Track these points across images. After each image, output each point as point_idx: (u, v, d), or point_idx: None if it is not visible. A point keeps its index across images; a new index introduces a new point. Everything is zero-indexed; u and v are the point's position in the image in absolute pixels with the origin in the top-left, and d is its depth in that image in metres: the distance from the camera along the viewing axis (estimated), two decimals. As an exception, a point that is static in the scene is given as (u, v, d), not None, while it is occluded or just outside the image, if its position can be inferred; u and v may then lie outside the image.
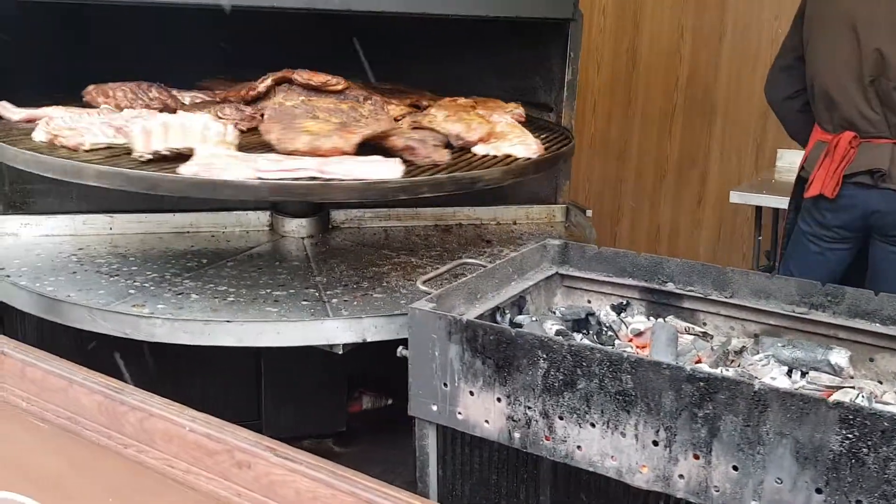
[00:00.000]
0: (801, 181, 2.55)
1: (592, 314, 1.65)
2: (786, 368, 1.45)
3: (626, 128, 3.29)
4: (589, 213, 2.61)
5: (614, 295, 1.70)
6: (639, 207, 3.43)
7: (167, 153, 1.72)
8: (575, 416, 1.21)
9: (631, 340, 1.59)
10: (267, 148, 1.77)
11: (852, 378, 1.43)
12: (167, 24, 2.27)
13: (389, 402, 2.68)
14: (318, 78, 2.17)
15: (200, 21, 2.14)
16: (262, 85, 2.28)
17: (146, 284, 1.88)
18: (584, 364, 1.18)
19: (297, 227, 2.30)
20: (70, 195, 2.21)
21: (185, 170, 1.60)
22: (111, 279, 1.91)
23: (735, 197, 2.80)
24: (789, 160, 3.16)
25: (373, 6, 2.20)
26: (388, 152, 1.79)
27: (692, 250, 3.31)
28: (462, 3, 2.26)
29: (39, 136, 1.85)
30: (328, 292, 1.90)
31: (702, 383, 1.09)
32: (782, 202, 2.75)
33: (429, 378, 1.35)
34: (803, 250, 2.58)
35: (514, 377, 1.26)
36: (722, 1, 3.23)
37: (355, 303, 1.84)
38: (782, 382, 1.39)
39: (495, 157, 1.91)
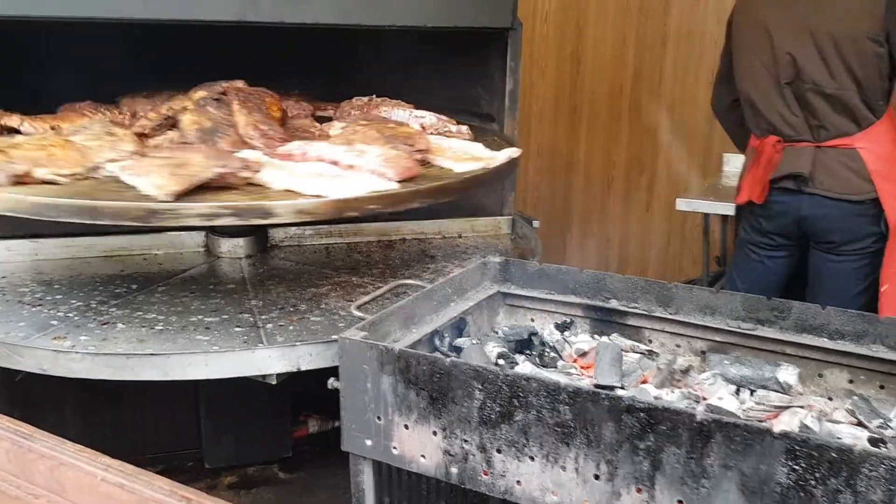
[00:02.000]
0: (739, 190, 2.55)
1: (535, 334, 1.60)
2: (733, 387, 1.42)
3: (572, 135, 3.26)
4: (536, 223, 2.56)
5: (558, 313, 1.66)
6: (587, 216, 3.41)
7: None
8: (513, 449, 1.15)
9: (575, 361, 1.54)
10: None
11: (801, 395, 1.40)
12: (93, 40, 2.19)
13: (336, 424, 2.60)
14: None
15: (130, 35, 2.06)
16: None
17: (70, 314, 1.78)
18: (520, 395, 1.13)
19: (233, 248, 2.21)
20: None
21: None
22: (33, 309, 1.81)
23: (682, 204, 2.79)
24: (735, 164, 3.16)
25: (307, 18, 2.13)
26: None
27: (643, 258, 3.30)
28: (399, 14, 2.20)
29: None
30: (263, 317, 1.82)
31: (642, 414, 1.04)
32: (728, 208, 2.75)
33: (362, 411, 1.28)
34: (744, 258, 2.58)
35: (449, 409, 1.20)
36: (665, 7, 3.22)
37: (291, 328, 1.76)
38: (730, 402, 1.35)
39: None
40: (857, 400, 1.33)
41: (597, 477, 1.09)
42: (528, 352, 1.55)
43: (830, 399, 1.37)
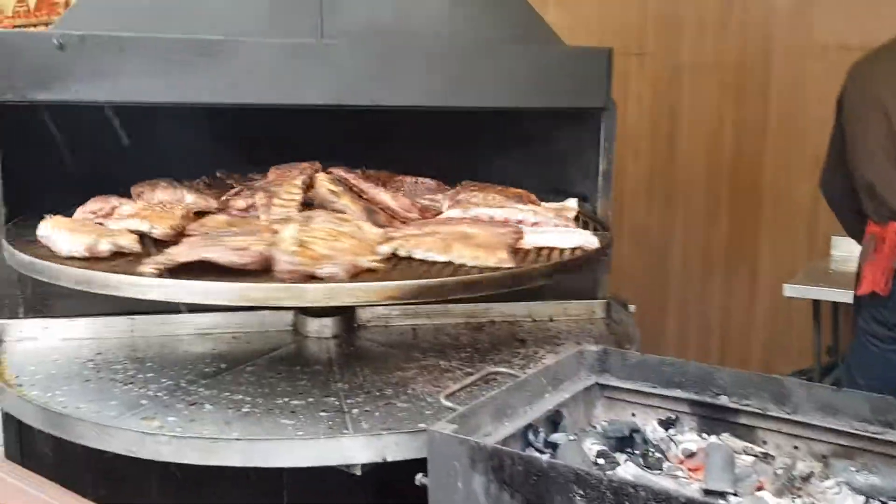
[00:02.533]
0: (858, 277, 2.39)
1: (637, 431, 1.49)
2: (862, 498, 1.27)
3: (668, 218, 3.16)
4: (632, 308, 2.45)
5: (661, 408, 1.54)
6: (685, 301, 3.27)
7: None
8: (617, 564, 1.04)
9: (682, 463, 1.42)
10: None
11: (942, 511, 1.24)
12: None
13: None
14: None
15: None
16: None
17: (160, 394, 1.78)
18: (626, 503, 1.03)
19: (320, 328, 2.19)
20: (90, 297, 2.15)
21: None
22: (125, 388, 1.82)
23: (790, 290, 2.64)
24: (846, 249, 2.98)
25: (404, 101, 2.16)
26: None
27: (745, 347, 3.12)
28: (493, 96, 2.21)
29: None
30: (349, 401, 1.77)
31: (766, 533, 0.92)
32: (841, 294, 2.57)
33: (451, 511, 1.20)
34: (864, 351, 2.40)
35: (546, 515, 1.10)
36: (763, 90, 3.14)
37: (377, 414, 1.70)
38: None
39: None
40: None
41: None
42: (629, 450, 1.44)
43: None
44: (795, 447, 1.41)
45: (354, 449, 1.52)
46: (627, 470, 1.33)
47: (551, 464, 1.10)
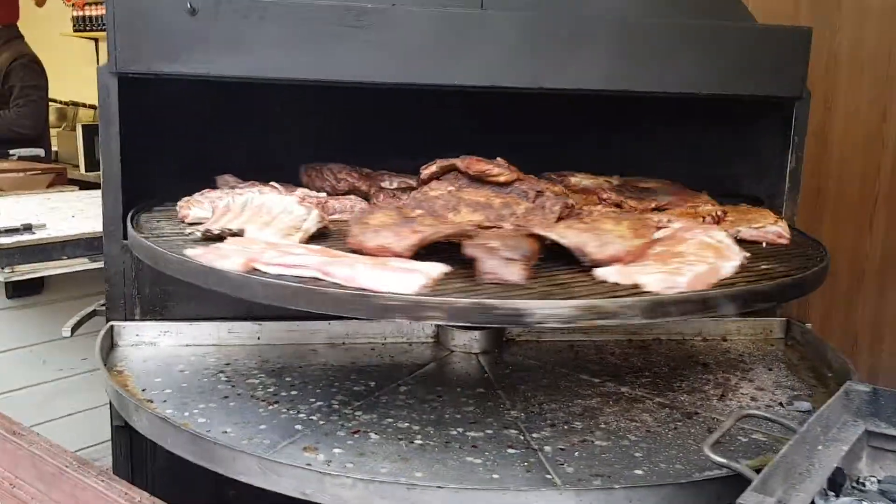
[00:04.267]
0: None
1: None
2: None
3: (813, 220, 2.85)
4: (808, 325, 2.15)
5: (950, 465, 1.25)
6: (828, 312, 2.96)
7: (219, 232, 1.53)
8: None
9: None
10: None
11: None
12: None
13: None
14: (477, 166, 1.83)
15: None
16: (426, 172, 1.95)
17: (313, 417, 1.53)
18: None
19: (468, 341, 1.93)
20: (213, 299, 1.91)
21: (191, 252, 1.41)
22: (270, 408, 1.57)
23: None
24: None
25: (569, 83, 1.88)
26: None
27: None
28: (672, 80, 1.91)
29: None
30: (534, 435, 1.50)
31: None
32: None
33: None
34: None
35: None
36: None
37: (576, 454, 1.43)
38: None
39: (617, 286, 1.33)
40: None
41: None
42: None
43: None
44: None
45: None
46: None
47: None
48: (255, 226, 1.55)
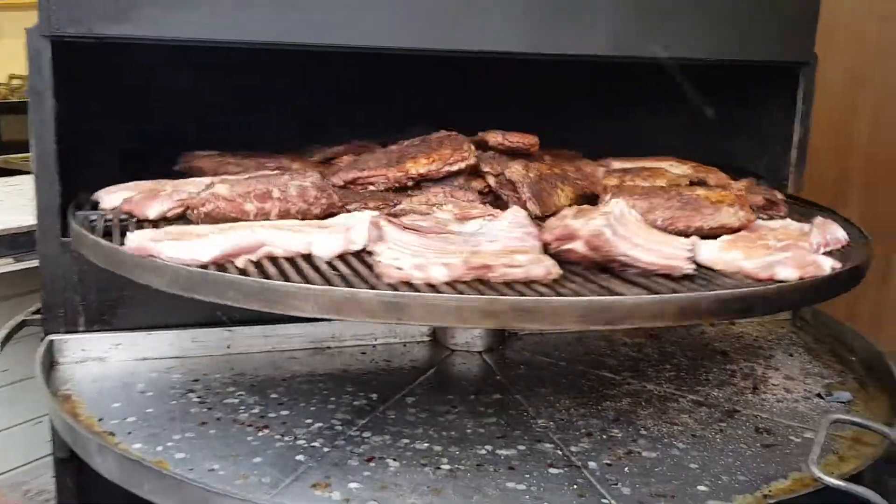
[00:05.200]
0: None
1: None
2: None
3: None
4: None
5: None
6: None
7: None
8: None
9: None
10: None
11: None
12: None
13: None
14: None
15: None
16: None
17: (314, 443, 1.29)
18: None
19: (471, 339, 1.72)
20: (169, 302, 1.63)
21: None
22: (260, 434, 1.32)
23: None
24: None
25: (568, 49, 1.68)
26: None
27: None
28: (679, 44, 1.74)
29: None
30: (572, 448, 1.32)
31: None
32: None
33: None
34: None
35: None
36: None
37: (625, 469, 1.25)
38: None
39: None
40: None
41: None
42: None
43: None
44: None
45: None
46: None
47: None
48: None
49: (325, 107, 1.95)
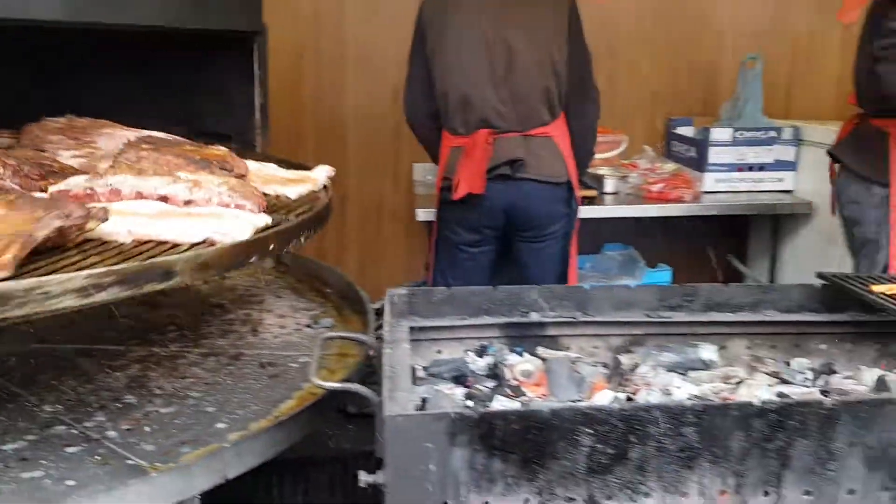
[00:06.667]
0: (445, 191, 2.54)
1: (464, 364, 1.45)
2: (672, 374, 1.47)
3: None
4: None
5: (468, 339, 1.52)
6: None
7: None
8: (627, 491, 1.03)
9: (521, 384, 1.43)
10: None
11: (720, 368, 1.51)
12: None
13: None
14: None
15: None
16: None
17: None
18: (637, 428, 1.01)
19: (-58, 339, 1.53)
20: None
21: None
22: None
23: (422, 215, 2.82)
24: (422, 174, 3.27)
25: (15, 13, 1.57)
26: None
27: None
28: (139, 12, 1.76)
29: None
30: (87, 424, 1.30)
31: (772, 414, 1.02)
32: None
33: (420, 502, 1.01)
34: (453, 259, 2.61)
35: (548, 468, 1.01)
36: (339, 22, 3.17)
37: (147, 428, 1.29)
38: (688, 389, 1.40)
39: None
40: (776, 362, 1.50)
41: (723, 492, 1.04)
42: (475, 384, 1.39)
43: (754, 367, 1.51)
44: (595, 346, 1.55)
45: (191, 480, 1.13)
46: (500, 403, 1.30)
47: (554, 411, 1.00)
48: None
49: None
